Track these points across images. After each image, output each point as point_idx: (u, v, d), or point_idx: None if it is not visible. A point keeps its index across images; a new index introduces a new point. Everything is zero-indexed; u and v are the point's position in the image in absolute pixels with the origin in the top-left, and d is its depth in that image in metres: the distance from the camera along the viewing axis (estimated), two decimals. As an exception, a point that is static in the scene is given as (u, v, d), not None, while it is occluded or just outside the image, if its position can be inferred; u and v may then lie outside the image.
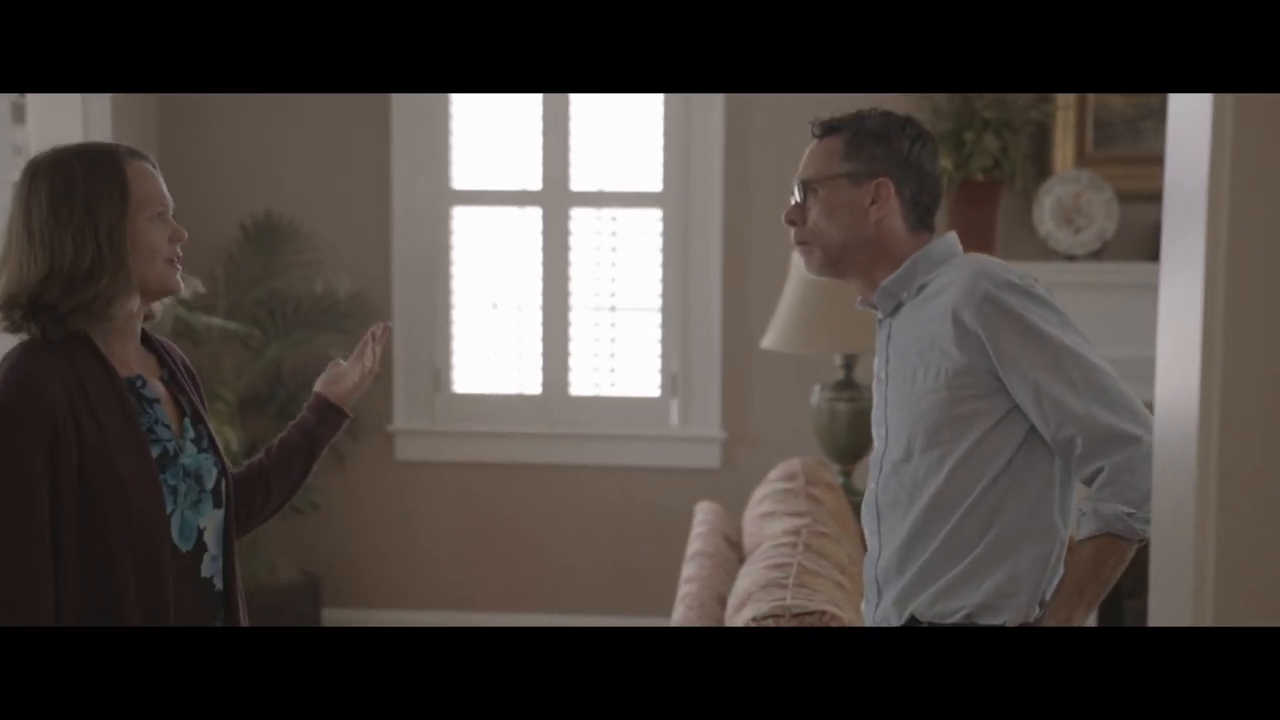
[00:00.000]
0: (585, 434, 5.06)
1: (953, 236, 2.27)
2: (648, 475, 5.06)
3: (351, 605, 5.11)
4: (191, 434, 2.14)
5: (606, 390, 5.10)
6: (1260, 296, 1.22)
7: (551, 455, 5.09)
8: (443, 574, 5.13)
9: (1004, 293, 2.11)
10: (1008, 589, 2.13)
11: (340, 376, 2.43)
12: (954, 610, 2.14)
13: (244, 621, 2.17)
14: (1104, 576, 2.09)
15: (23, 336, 2.07)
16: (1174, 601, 1.25)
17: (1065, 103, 4.63)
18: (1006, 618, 2.12)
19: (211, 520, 2.13)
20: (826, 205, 2.23)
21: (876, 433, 2.29)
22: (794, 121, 4.78)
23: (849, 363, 4.30)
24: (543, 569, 5.11)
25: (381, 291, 5.06)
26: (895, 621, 2.20)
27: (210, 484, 2.14)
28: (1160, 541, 1.30)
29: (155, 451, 2.06)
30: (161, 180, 2.12)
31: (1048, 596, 2.15)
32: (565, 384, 5.09)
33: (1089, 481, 2.11)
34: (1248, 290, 1.22)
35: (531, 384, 5.11)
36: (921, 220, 2.25)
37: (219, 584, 2.14)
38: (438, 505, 5.14)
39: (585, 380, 5.09)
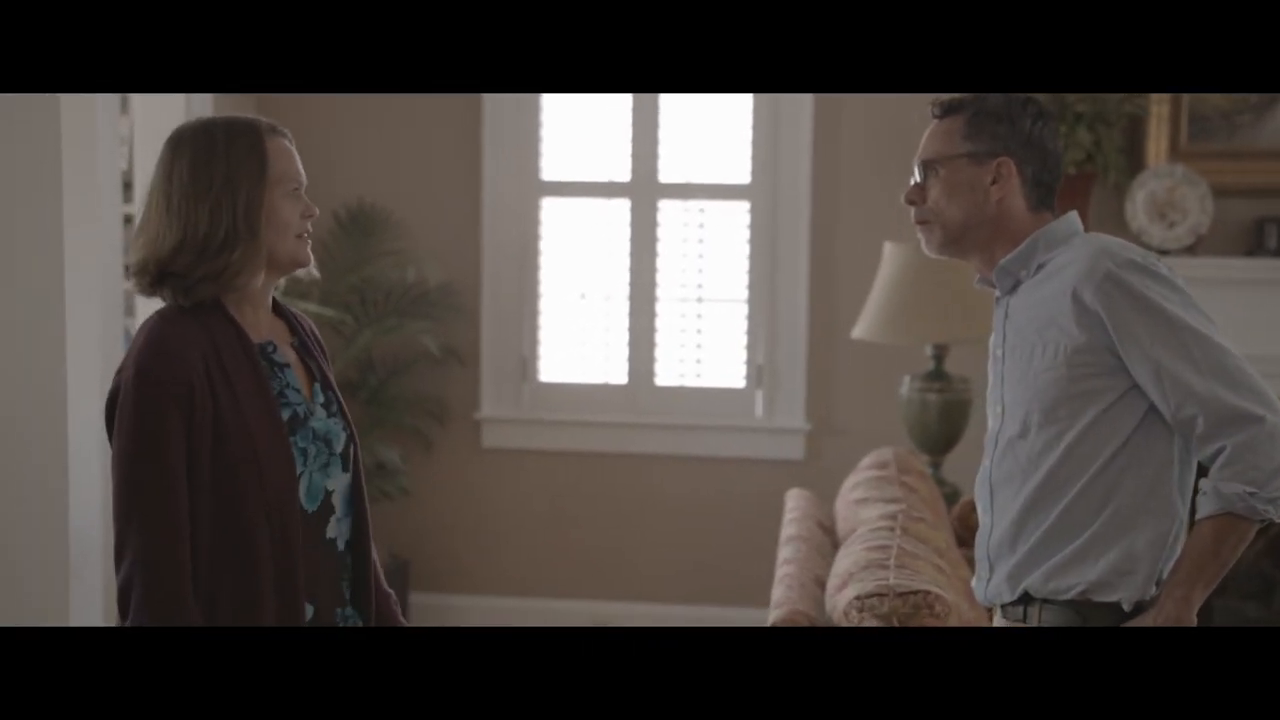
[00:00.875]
0: (670, 424, 5.10)
1: (1074, 216, 2.28)
2: (732, 466, 5.08)
3: (440, 590, 5.18)
4: (321, 399, 2.20)
5: (692, 381, 5.13)
6: None
7: (637, 445, 5.13)
8: (529, 561, 5.19)
9: (1125, 271, 2.12)
10: (1124, 566, 2.14)
11: None
12: (1069, 587, 2.15)
13: (370, 583, 2.23)
14: (1224, 556, 2.09)
15: (157, 302, 2.15)
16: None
17: (1160, 96, 4.61)
18: (1122, 595, 2.13)
19: (339, 483, 2.18)
20: (948, 184, 2.24)
21: (992, 410, 2.30)
22: (882, 116, 4.82)
23: (939, 353, 4.31)
24: (627, 558, 5.15)
25: (471, 281, 5.13)
26: (1008, 597, 2.22)
27: (339, 448, 2.19)
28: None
29: (286, 415, 2.12)
30: (298, 157, 2.18)
31: (1164, 575, 2.15)
32: (651, 374, 5.13)
33: (1210, 461, 2.11)
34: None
35: (618, 374, 5.15)
36: (1043, 199, 2.26)
37: (341, 545, 2.20)
38: (524, 493, 5.19)
39: (671, 371, 5.13)
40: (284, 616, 2.07)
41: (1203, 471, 2.16)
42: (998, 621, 2.26)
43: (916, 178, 2.29)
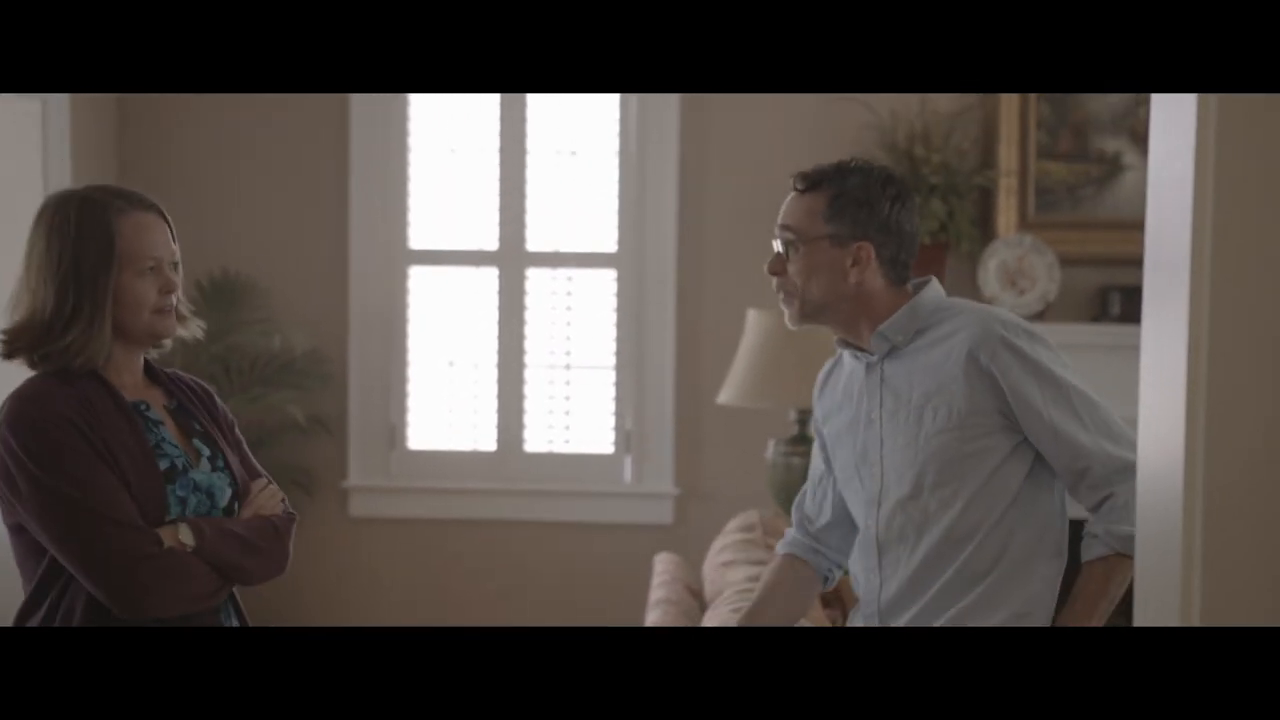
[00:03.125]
0: (540, 490, 5.13)
1: (936, 283, 2.40)
2: (601, 531, 5.12)
3: (305, 662, 5.10)
4: (207, 452, 2.22)
5: (561, 447, 5.17)
6: (1242, 340, 1.32)
7: (506, 511, 5.14)
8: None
9: (1015, 336, 2.26)
10: (1024, 610, 2.27)
11: None
12: None
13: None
14: (1112, 594, 2.24)
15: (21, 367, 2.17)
16: (1161, 609, 1.34)
17: (1008, 169, 4.81)
18: None
19: None
20: (808, 263, 2.33)
21: (865, 472, 2.37)
22: (746, 183, 4.94)
23: (803, 417, 4.40)
24: (498, 623, 5.13)
25: (338, 348, 5.11)
26: None
27: (223, 501, 2.21)
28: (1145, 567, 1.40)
29: (164, 464, 2.14)
30: (164, 229, 2.19)
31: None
32: (520, 440, 5.15)
33: (1095, 507, 2.26)
34: (1231, 338, 1.32)
35: (486, 441, 5.17)
36: (900, 276, 2.37)
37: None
38: (393, 561, 5.16)
39: (539, 437, 5.16)
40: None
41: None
42: None
43: (778, 247, 2.37)
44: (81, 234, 2.10)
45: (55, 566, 2.09)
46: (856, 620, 2.44)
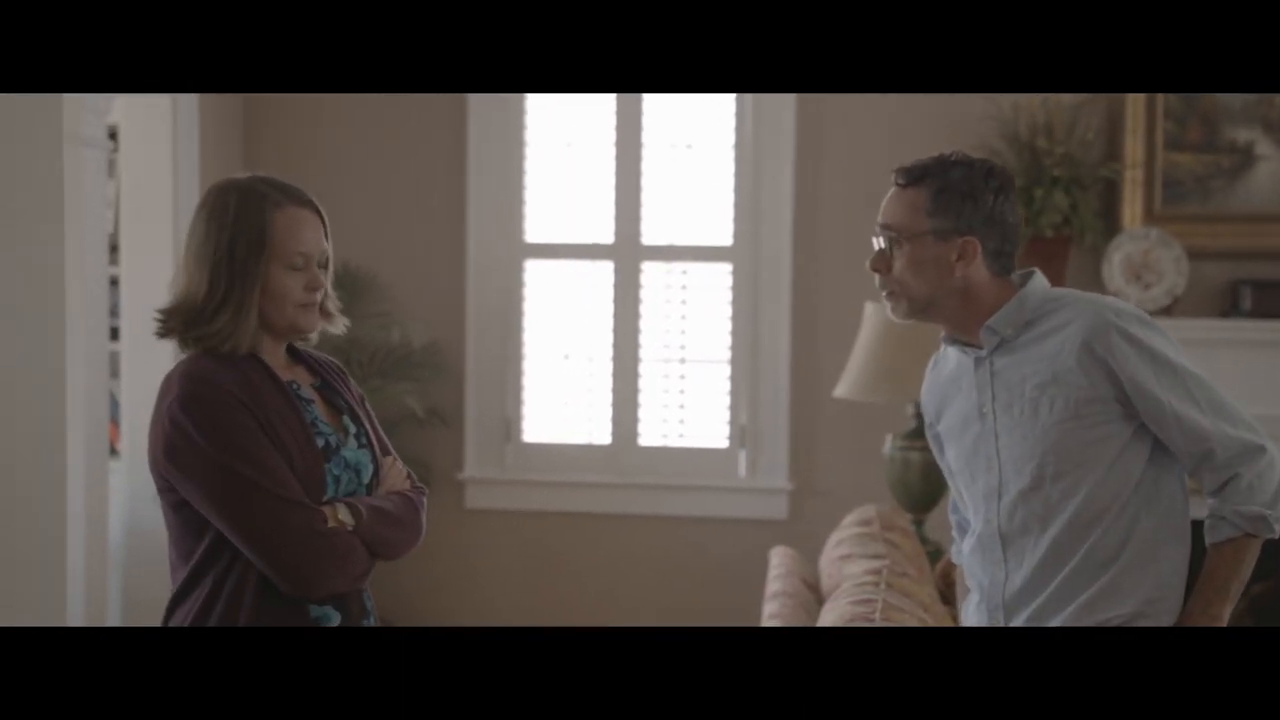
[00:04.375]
0: (653, 484, 5.12)
1: (1040, 275, 2.39)
2: (715, 526, 5.10)
3: (421, 651, 5.16)
4: (353, 429, 2.26)
5: (675, 441, 5.16)
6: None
7: (620, 505, 5.14)
8: (511, 622, 5.18)
9: (1129, 324, 2.25)
10: (1155, 595, 2.26)
11: None
12: (1104, 621, 2.25)
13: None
14: (1243, 574, 2.25)
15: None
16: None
17: (1134, 160, 4.69)
18: (1163, 621, 2.25)
19: None
20: (912, 260, 2.31)
21: (981, 467, 2.36)
22: (862, 177, 4.88)
23: (921, 411, 4.34)
24: (611, 617, 5.14)
25: (455, 342, 5.16)
26: None
27: (367, 478, 2.25)
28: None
29: (320, 443, 2.18)
30: (317, 226, 2.24)
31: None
32: (634, 435, 5.15)
33: (1217, 489, 2.26)
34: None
35: (601, 434, 5.18)
36: (1004, 268, 2.35)
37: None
38: (507, 553, 5.20)
39: (654, 431, 5.15)
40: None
41: None
42: None
43: (881, 244, 2.35)
44: (237, 222, 2.15)
45: (218, 546, 2.12)
46: (973, 611, 2.41)
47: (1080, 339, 2.24)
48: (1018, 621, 2.32)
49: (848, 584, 3.15)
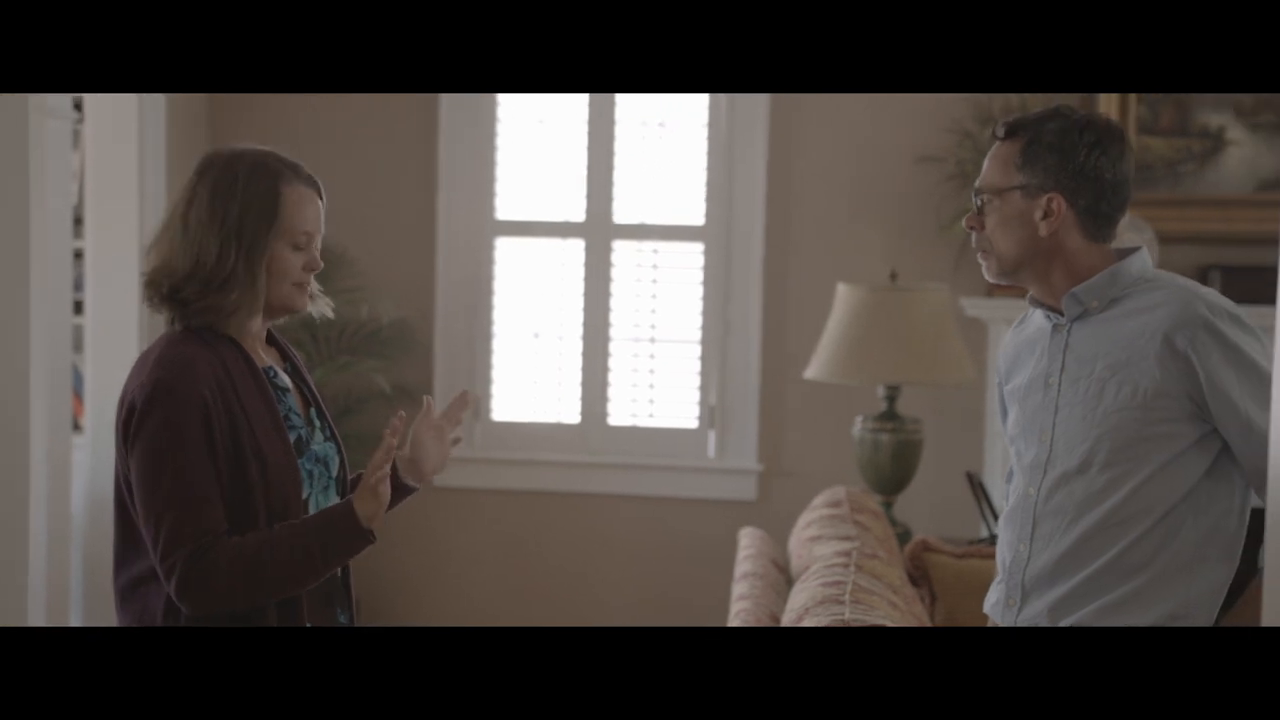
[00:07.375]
0: (623, 464, 5.11)
1: (1145, 252, 2.27)
2: (684, 506, 5.09)
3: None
4: (319, 423, 2.24)
5: (644, 421, 5.14)
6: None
7: (589, 485, 5.13)
8: (478, 601, 5.16)
9: (1220, 320, 2.13)
10: (1180, 611, 2.15)
11: (423, 458, 2.36)
12: (1125, 627, 2.14)
13: (351, 588, 2.31)
14: None
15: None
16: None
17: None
18: None
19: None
20: (1000, 217, 2.24)
21: (1034, 437, 2.27)
22: (834, 158, 4.88)
23: (891, 394, 4.34)
24: (579, 597, 5.13)
25: (424, 319, 5.12)
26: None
27: (334, 471, 2.24)
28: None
29: (291, 437, 2.16)
30: (319, 206, 2.21)
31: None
32: (604, 414, 5.13)
33: None
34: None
35: (570, 414, 5.15)
36: (1101, 231, 2.24)
37: (338, 571, 2.25)
38: (475, 532, 5.17)
39: (623, 410, 5.14)
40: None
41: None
42: None
43: (978, 203, 2.27)
44: (249, 196, 2.12)
45: None
46: (993, 589, 2.35)
47: (1165, 327, 2.12)
48: (1034, 605, 2.23)
49: (817, 565, 3.14)
